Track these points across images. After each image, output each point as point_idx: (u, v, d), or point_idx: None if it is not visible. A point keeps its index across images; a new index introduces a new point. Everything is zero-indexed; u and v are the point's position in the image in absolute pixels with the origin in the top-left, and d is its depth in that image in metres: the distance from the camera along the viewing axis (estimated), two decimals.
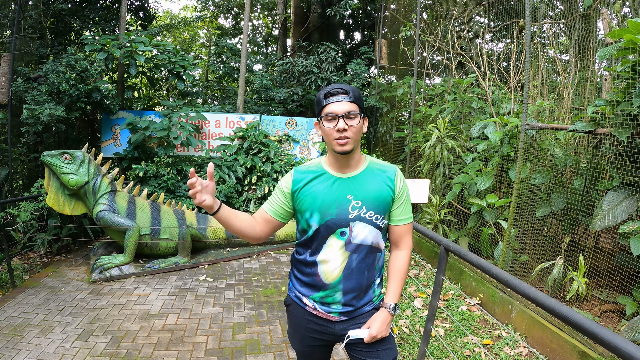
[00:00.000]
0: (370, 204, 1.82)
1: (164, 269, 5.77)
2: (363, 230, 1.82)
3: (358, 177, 1.87)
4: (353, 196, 1.82)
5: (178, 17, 20.47)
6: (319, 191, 1.85)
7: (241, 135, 8.13)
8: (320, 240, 1.86)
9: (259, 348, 3.82)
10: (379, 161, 1.97)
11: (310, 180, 1.89)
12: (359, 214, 1.81)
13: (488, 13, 9.13)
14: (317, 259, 1.87)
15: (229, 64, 12.20)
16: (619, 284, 4.00)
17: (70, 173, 5.49)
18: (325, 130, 1.77)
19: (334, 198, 1.83)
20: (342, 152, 1.76)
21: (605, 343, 1.47)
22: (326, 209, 1.82)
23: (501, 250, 4.56)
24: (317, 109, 1.82)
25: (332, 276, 1.85)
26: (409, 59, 8.62)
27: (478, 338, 4.02)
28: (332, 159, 1.88)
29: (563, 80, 5.22)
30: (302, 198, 1.87)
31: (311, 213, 1.84)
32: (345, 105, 1.73)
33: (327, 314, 1.89)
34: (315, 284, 1.89)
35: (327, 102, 1.76)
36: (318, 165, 1.94)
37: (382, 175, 1.89)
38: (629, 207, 3.71)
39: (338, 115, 1.72)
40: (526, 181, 4.72)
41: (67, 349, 3.72)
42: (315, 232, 1.85)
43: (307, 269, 1.91)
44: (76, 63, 6.76)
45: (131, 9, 10.52)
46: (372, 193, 1.84)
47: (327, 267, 1.85)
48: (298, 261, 1.98)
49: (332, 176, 1.87)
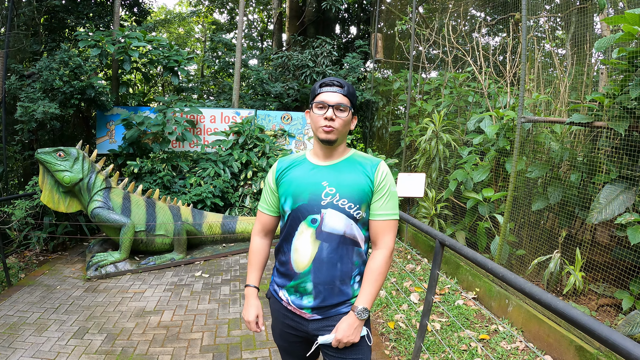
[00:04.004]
0: (345, 191, 1.79)
1: (160, 265, 5.76)
2: (335, 218, 1.78)
3: (337, 165, 1.87)
4: (328, 183, 1.81)
5: (173, 13, 20.37)
6: (296, 177, 1.87)
7: (236, 130, 8.10)
8: (292, 227, 1.84)
9: (254, 344, 3.80)
10: (364, 154, 1.96)
11: (291, 168, 1.92)
12: (331, 200, 1.78)
13: (484, 6, 9.10)
14: (290, 246, 1.85)
15: (224, 59, 12.15)
16: (615, 278, 3.99)
17: (65, 170, 5.46)
18: (314, 117, 1.80)
19: (308, 184, 1.82)
20: (326, 140, 1.78)
21: (602, 339, 1.45)
22: (299, 194, 1.82)
23: (497, 244, 4.55)
24: (310, 97, 1.85)
25: (302, 265, 1.81)
26: (405, 53, 8.58)
27: (474, 333, 4.02)
28: (317, 148, 1.89)
29: (560, 74, 5.21)
30: (281, 184, 1.91)
31: (285, 198, 1.86)
32: (338, 96, 1.77)
33: (299, 309, 1.84)
34: (288, 273, 1.85)
35: (321, 91, 1.79)
36: (301, 155, 1.97)
37: (363, 166, 1.86)
38: (626, 201, 3.70)
39: (329, 105, 1.75)
40: (522, 174, 4.70)
41: (63, 347, 3.70)
42: (288, 217, 1.85)
43: (283, 257, 1.89)
44: (70, 59, 6.70)
45: (125, 5, 10.44)
46: (348, 180, 1.81)
47: (298, 255, 1.82)
48: (277, 249, 1.97)
49: (311, 164, 1.89)
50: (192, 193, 6.92)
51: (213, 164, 7.58)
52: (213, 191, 7.05)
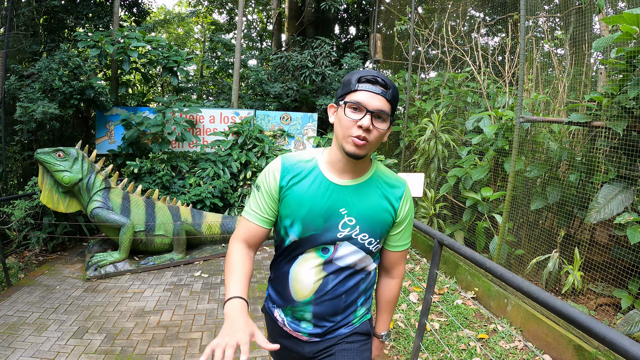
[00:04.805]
0: (366, 224, 1.51)
1: (159, 265, 5.76)
2: (350, 253, 1.53)
3: (358, 187, 1.52)
4: (347, 210, 1.50)
5: (172, 13, 20.37)
6: (308, 196, 1.50)
7: (236, 130, 8.10)
8: (296, 252, 1.57)
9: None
10: (388, 172, 1.62)
11: (300, 179, 1.53)
12: (350, 233, 1.51)
13: (483, 7, 9.11)
14: (289, 271, 1.59)
15: (223, 59, 12.16)
16: (614, 277, 4.00)
17: (64, 170, 5.45)
18: (343, 120, 1.40)
19: (324, 209, 1.49)
20: (353, 154, 1.40)
21: (600, 337, 1.46)
22: (311, 221, 1.49)
23: (496, 244, 4.56)
24: (342, 91, 1.45)
25: (302, 294, 1.56)
26: (404, 53, 8.59)
27: (473, 332, 4.03)
28: (335, 158, 1.51)
29: (558, 74, 5.21)
30: (286, 199, 1.53)
31: (292, 221, 1.52)
32: (381, 100, 1.38)
33: (295, 332, 1.64)
34: (285, 297, 1.61)
35: (360, 87, 1.39)
36: (312, 161, 1.56)
37: (387, 192, 1.56)
38: (625, 200, 3.71)
39: (367, 109, 1.36)
40: (521, 174, 4.72)
41: (62, 347, 3.71)
42: (292, 243, 1.55)
43: (279, 278, 1.64)
44: (69, 60, 6.70)
45: (124, 5, 10.43)
46: (370, 211, 1.52)
47: (298, 284, 1.56)
48: (272, 267, 1.72)
49: (327, 180, 1.51)
50: (192, 193, 6.92)
51: (212, 164, 7.59)
52: (212, 191, 7.05)
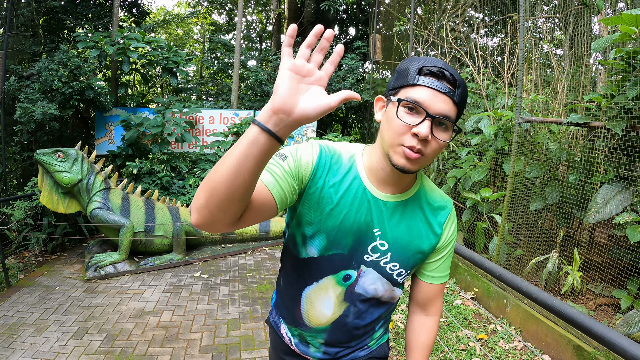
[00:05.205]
0: (399, 252, 1.25)
1: (159, 266, 5.76)
2: (374, 282, 1.29)
3: (399, 205, 1.24)
4: (380, 232, 1.22)
5: (172, 14, 20.39)
6: (341, 204, 1.20)
7: (235, 131, 8.10)
8: (311, 275, 1.30)
9: (253, 344, 3.81)
10: (435, 188, 1.34)
11: (337, 179, 1.21)
12: (378, 260, 1.25)
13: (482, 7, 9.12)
14: (301, 291, 1.33)
15: (223, 60, 12.17)
16: (613, 277, 4.00)
17: (64, 171, 5.46)
18: (394, 122, 1.09)
19: (356, 224, 1.21)
20: (401, 168, 1.10)
21: (598, 337, 1.47)
22: (340, 238, 1.22)
23: (496, 244, 4.57)
24: (396, 82, 1.12)
25: (316, 322, 1.34)
26: (403, 54, 8.59)
27: (473, 332, 4.03)
28: (376, 164, 1.20)
29: (557, 75, 5.22)
30: (312, 197, 1.21)
31: (315, 232, 1.23)
32: (447, 103, 1.06)
33: (303, 354, 1.43)
34: (295, 318, 1.38)
35: (420, 82, 1.06)
36: (351, 161, 1.25)
37: (430, 216, 1.28)
38: (624, 200, 3.71)
39: (428, 113, 1.04)
40: (520, 175, 4.72)
41: (62, 348, 3.71)
42: (310, 260, 1.27)
43: (290, 297, 1.38)
44: (69, 60, 6.71)
45: (124, 6, 10.44)
46: (406, 237, 1.25)
47: (313, 310, 1.33)
48: (283, 275, 1.44)
49: (366, 189, 1.21)
50: (191, 194, 6.92)
51: (212, 165, 7.58)
52: None
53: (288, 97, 0.86)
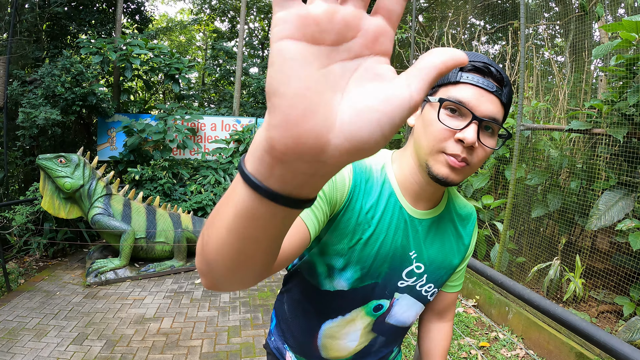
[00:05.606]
0: (435, 272, 1.13)
1: (160, 272, 5.75)
2: (407, 309, 1.15)
3: (433, 222, 1.09)
4: (417, 254, 1.08)
5: (174, 21, 20.49)
6: (377, 232, 1.02)
7: (237, 138, 8.12)
8: (338, 308, 1.11)
9: (254, 351, 3.79)
10: (457, 193, 1.20)
11: (374, 202, 1.02)
12: (414, 284, 1.11)
13: (483, 15, 9.16)
14: (321, 325, 1.15)
15: (225, 67, 12.22)
16: (615, 284, 3.99)
17: (66, 176, 5.46)
18: (434, 126, 0.92)
19: (392, 249, 1.04)
20: (443, 180, 0.93)
21: (600, 344, 1.45)
22: (375, 268, 1.04)
23: (497, 252, 4.56)
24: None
25: (335, 355, 1.19)
26: (405, 62, 8.62)
27: (475, 340, 4.01)
28: (410, 177, 1.02)
29: (558, 82, 5.23)
30: (348, 230, 1.00)
31: (347, 263, 1.03)
32: (494, 103, 0.91)
33: None
34: (307, 352, 1.23)
35: (464, 78, 0.91)
36: (383, 174, 1.05)
37: (460, 227, 1.16)
38: (625, 207, 3.71)
39: (474, 115, 0.89)
40: (522, 182, 4.72)
41: (62, 353, 3.69)
42: (336, 294, 1.07)
43: (301, 329, 1.22)
44: (72, 66, 6.74)
45: (127, 12, 10.50)
46: (441, 255, 1.12)
47: (334, 344, 1.17)
48: (289, 303, 1.27)
49: (403, 210, 1.04)
50: (193, 200, 6.92)
51: (213, 172, 7.60)
52: (213, 199, 7.06)
53: (305, 111, 0.33)
